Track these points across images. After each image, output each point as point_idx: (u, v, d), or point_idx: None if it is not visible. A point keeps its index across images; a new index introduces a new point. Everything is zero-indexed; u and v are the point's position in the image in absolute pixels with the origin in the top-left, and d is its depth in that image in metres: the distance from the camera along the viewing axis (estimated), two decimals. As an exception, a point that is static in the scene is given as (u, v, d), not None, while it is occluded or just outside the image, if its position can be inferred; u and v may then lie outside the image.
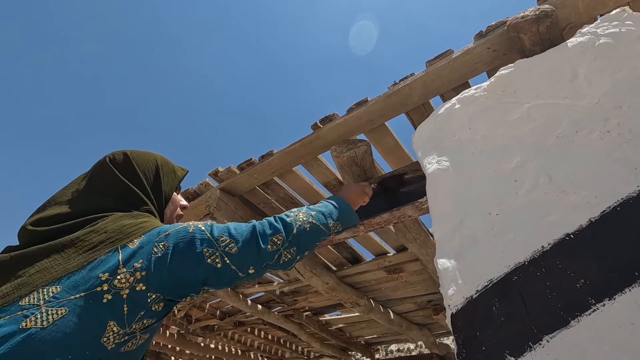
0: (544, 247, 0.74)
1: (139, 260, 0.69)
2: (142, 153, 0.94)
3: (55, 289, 0.63)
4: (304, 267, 2.25)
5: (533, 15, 1.06)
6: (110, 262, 0.68)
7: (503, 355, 0.69)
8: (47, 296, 0.62)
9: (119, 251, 0.70)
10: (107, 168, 0.87)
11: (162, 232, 0.75)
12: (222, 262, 0.77)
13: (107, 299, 0.64)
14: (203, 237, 0.77)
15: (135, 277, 0.68)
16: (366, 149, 1.51)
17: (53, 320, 0.60)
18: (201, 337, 3.85)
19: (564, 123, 0.85)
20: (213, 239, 0.78)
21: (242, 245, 0.81)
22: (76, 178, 0.88)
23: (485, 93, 1.04)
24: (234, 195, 1.93)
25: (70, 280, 0.65)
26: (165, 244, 0.73)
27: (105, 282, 0.65)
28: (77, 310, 0.62)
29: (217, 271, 0.77)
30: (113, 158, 0.89)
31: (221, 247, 0.78)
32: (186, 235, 0.76)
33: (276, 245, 0.86)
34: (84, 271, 0.66)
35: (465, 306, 0.78)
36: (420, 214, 1.45)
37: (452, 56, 1.27)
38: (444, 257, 0.85)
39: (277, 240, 0.87)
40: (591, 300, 0.65)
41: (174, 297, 0.74)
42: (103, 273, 0.66)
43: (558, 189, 0.78)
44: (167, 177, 0.95)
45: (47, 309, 0.61)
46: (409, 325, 3.22)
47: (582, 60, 0.90)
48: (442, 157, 1.02)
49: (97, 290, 0.64)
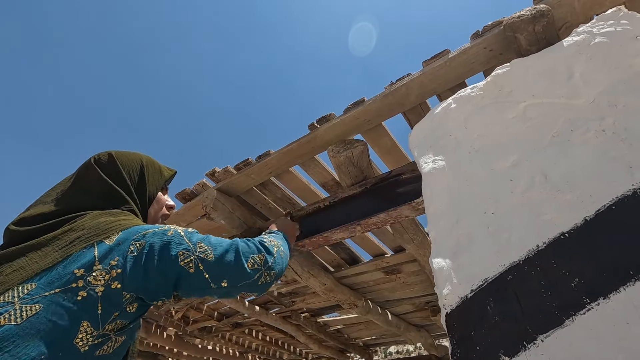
0: (539, 246, 0.74)
1: (115, 257, 0.69)
2: (127, 153, 0.95)
3: (30, 286, 0.63)
4: (301, 268, 2.25)
5: (529, 14, 1.06)
6: (86, 257, 0.68)
7: (497, 355, 0.68)
8: (22, 293, 0.62)
9: (95, 247, 0.70)
10: (92, 168, 0.88)
11: (141, 231, 0.75)
12: (195, 267, 0.77)
13: (82, 296, 0.64)
14: (181, 240, 0.78)
15: (110, 274, 0.67)
16: (363, 149, 1.51)
17: (27, 316, 0.60)
18: (199, 338, 3.83)
19: (559, 122, 0.85)
20: (190, 244, 0.78)
21: (220, 255, 0.81)
22: (63, 179, 0.90)
23: (481, 92, 1.04)
24: (231, 196, 1.93)
25: (46, 277, 0.65)
26: (142, 243, 0.73)
27: (81, 278, 0.65)
28: (51, 306, 0.62)
29: (189, 276, 0.76)
30: (98, 158, 0.90)
31: (197, 252, 0.78)
32: (164, 236, 0.76)
33: (257, 265, 0.88)
34: (60, 267, 0.66)
35: (460, 306, 0.77)
36: (417, 214, 1.44)
37: (448, 56, 1.27)
38: (439, 257, 0.85)
39: (259, 259, 0.89)
40: (586, 299, 0.65)
41: (146, 299, 0.73)
42: (78, 269, 0.66)
43: (554, 187, 0.78)
44: (152, 177, 0.96)
45: (21, 306, 0.60)
46: (407, 327, 3.21)
47: (578, 60, 0.90)
48: (438, 156, 1.02)
49: (72, 286, 0.64)
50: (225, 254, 0.83)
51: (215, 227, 2.06)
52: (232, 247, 0.85)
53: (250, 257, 0.87)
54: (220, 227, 2.01)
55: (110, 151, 0.93)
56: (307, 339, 3.58)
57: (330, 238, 1.64)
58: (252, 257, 0.87)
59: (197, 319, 3.57)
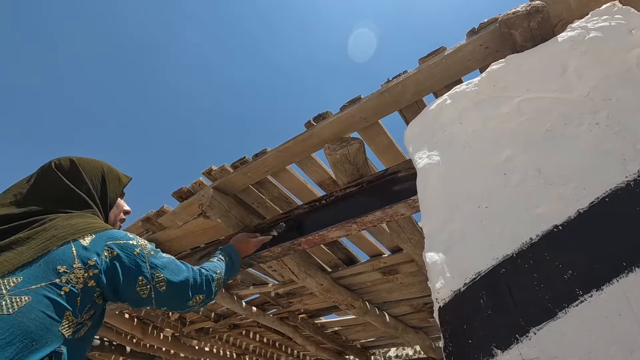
0: (532, 239, 0.73)
1: (93, 258, 0.78)
2: (88, 160, 1.01)
3: (16, 279, 0.69)
4: (298, 268, 2.24)
5: (524, 10, 1.06)
6: (65, 254, 0.75)
7: (490, 348, 0.68)
8: (9, 286, 0.68)
9: (72, 244, 0.77)
10: (53, 173, 0.93)
11: (113, 238, 0.85)
12: (147, 294, 0.89)
13: (65, 292, 0.72)
14: (143, 264, 0.88)
15: (88, 274, 0.77)
16: (359, 147, 1.51)
17: (18, 307, 0.66)
18: (195, 339, 3.81)
19: (553, 116, 0.85)
20: (149, 271, 0.89)
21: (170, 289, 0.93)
22: (18, 182, 0.93)
23: (476, 88, 1.04)
24: (227, 194, 1.92)
25: (28, 271, 0.71)
26: (113, 252, 0.83)
27: (63, 274, 0.73)
28: (39, 298, 0.69)
29: (140, 299, 0.88)
30: (59, 164, 0.95)
31: (154, 282, 0.89)
32: (131, 255, 0.86)
33: (195, 302, 1.01)
34: (40, 262, 0.72)
35: (453, 299, 0.76)
36: (413, 212, 1.44)
37: (444, 53, 1.27)
38: (433, 251, 0.84)
39: (200, 298, 1.02)
40: (579, 291, 0.64)
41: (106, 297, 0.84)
42: (61, 266, 0.73)
43: (547, 181, 0.78)
44: (112, 183, 1.03)
45: (11, 297, 0.66)
46: (404, 329, 3.19)
47: (572, 54, 0.90)
48: (432, 151, 1.02)
49: (56, 281, 0.72)
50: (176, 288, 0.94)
51: (212, 226, 2.05)
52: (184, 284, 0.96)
53: (195, 295, 1.00)
54: (217, 226, 2.00)
55: (71, 157, 0.98)
56: (304, 341, 3.56)
57: (327, 236, 1.63)
58: (196, 296, 1.00)
59: (193, 320, 3.55)
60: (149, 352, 3.92)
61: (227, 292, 2.90)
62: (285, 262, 2.17)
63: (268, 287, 2.83)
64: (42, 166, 0.96)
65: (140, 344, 3.80)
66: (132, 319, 3.34)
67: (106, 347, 3.70)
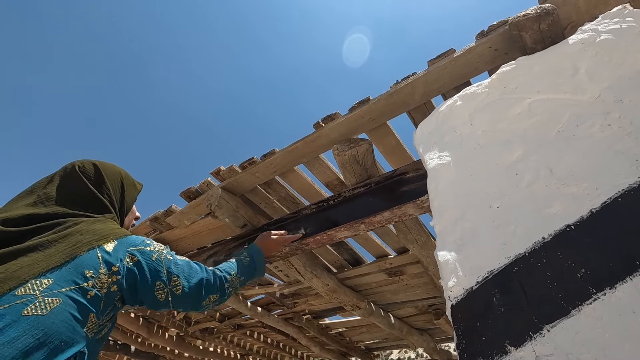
0: (544, 238, 0.74)
1: (116, 264, 0.82)
2: (109, 165, 1.04)
3: (48, 281, 0.71)
4: (304, 268, 2.25)
5: (534, 13, 1.07)
6: (93, 261, 0.79)
7: (503, 345, 0.68)
8: (42, 287, 0.70)
9: (97, 250, 0.80)
10: (77, 176, 0.95)
11: (134, 245, 0.89)
12: (165, 298, 0.92)
13: (91, 295, 0.75)
14: (160, 269, 0.91)
15: (112, 279, 0.80)
16: (368, 148, 1.52)
17: (51, 308, 0.69)
18: (200, 339, 3.83)
19: (565, 117, 0.85)
20: (166, 275, 0.92)
21: (187, 292, 0.96)
22: (39, 181, 0.95)
23: (486, 89, 1.05)
24: (235, 195, 1.94)
25: (57, 274, 0.73)
26: (133, 258, 0.86)
27: (90, 279, 0.76)
28: (68, 301, 0.71)
29: (158, 303, 0.92)
30: (83, 167, 0.98)
31: (171, 285, 0.93)
32: (150, 260, 0.90)
33: (209, 302, 1.04)
34: (68, 267, 0.75)
35: (466, 297, 0.77)
36: (421, 213, 1.44)
37: (453, 55, 1.28)
38: (445, 250, 0.85)
39: (213, 298, 1.05)
40: (592, 289, 0.65)
41: (126, 301, 0.88)
42: (88, 270, 0.77)
43: (559, 181, 0.78)
44: (129, 189, 1.07)
45: (44, 298, 0.69)
46: (409, 330, 3.19)
47: (583, 56, 0.91)
48: (443, 152, 1.03)
49: (84, 285, 0.75)
50: (191, 291, 0.98)
51: (219, 226, 2.07)
52: (199, 285, 1.00)
53: (209, 295, 1.03)
54: (224, 226, 2.02)
55: (93, 161, 1.01)
56: (308, 342, 3.56)
57: (335, 236, 1.64)
58: (210, 296, 1.04)
59: (198, 320, 3.56)
60: (154, 351, 3.94)
61: (232, 292, 2.91)
62: (292, 262, 2.18)
63: (273, 287, 2.84)
64: (65, 167, 0.98)
65: (145, 344, 3.82)
66: (138, 318, 3.36)
67: (111, 346, 3.72)
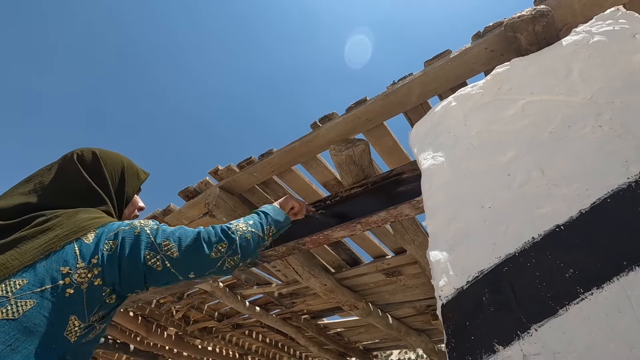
0: (534, 238, 0.74)
1: (95, 256, 0.74)
2: (110, 154, 0.98)
3: (22, 281, 0.66)
4: (302, 268, 2.25)
5: (529, 14, 1.08)
6: (68, 255, 0.72)
7: (492, 344, 0.69)
8: (15, 288, 0.65)
9: (74, 244, 0.74)
10: (74, 165, 0.90)
11: (112, 229, 0.80)
12: (162, 265, 0.82)
13: (69, 293, 0.69)
14: (147, 240, 0.82)
15: (93, 272, 0.73)
16: (364, 148, 1.52)
17: (23, 311, 0.63)
18: (199, 339, 3.83)
19: (557, 118, 0.86)
20: (156, 244, 0.83)
21: (184, 250, 0.85)
22: (40, 169, 0.91)
23: (481, 90, 1.05)
24: (233, 194, 1.94)
25: (32, 273, 0.68)
26: (114, 242, 0.78)
27: (67, 275, 0.70)
28: (43, 302, 0.66)
29: (158, 274, 0.82)
30: (81, 155, 0.92)
31: (163, 250, 0.83)
32: (132, 236, 0.81)
33: (220, 253, 0.91)
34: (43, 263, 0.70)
35: (456, 297, 0.78)
36: (417, 213, 1.45)
37: (449, 56, 1.29)
38: (437, 249, 0.86)
39: (222, 248, 0.92)
40: (580, 289, 0.65)
41: (122, 292, 0.79)
42: (64, 267, 0.70)
43: (550, 182, 0.79)
44: (130, 179, 1.00)
45: (16, 301, 0.64)
46: (407, 331, 3.19)
47: (576, 58, 0.91)
48: (437, 152, 1.03)
49: (60, 283, 0.69)
50: (189, 248, 0.87)
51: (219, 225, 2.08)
52: (196, 240, 0.88)
53: (213, 247, 0.90)
54: (223, 225, 2.03)
55: (93, 149, 0.95)
56: (307, 342, 3.57)
57: (331, 236, 1.65)
58: (215, 247, 0.91)
59: (197, 319, 3.57)
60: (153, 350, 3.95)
61: (231, 291, 2.92)
62: (290, 262, 2.19)
63: (272, 287, 2.85)
64: (65, 155, 0.92)
65: (144, 343, 3.83)
66: (137, 317, 3.37)
67: (110, 345, 3.73)
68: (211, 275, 0.93)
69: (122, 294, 0.80)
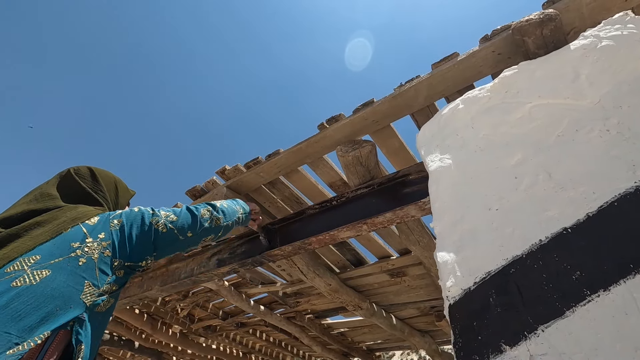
0: (541, 241, 0.75)
1: (102, 232, 0.87)
2: (102, 170, 1.12)
3: (35, 257, 0.76)
4: (307, 268, 2.27)
5: (537, 18, 1.09)
6: (78, 234, 0.83)
7: (498, 344, 0.70)
8: (29, 262, 0.74)
9: (81, 225, 0.85)
10: (71, 178, 1.02)
11: (115, 212, 0.95)
12: (166, 227, 1.00)
13: (82, 262, 0.79)
14: (149, 214, 0.99)
15: (101, 245, 0.85)
16: (371, 149, 1.53)
17: (40, 278, 0.73)
18: (203, 337, 3.86)
19: (564, 122, 0.87)
20: (157, 213, 1.01)
21: (180, 215, 1.07)
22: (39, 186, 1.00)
23: (488, 94, 1.06)
24: (240, 194, 1.96)
25: (45, 250, 0.77)
26: (119, 220, 0.92)
27: (78, 248, 0.81)
28: (59, 270, 0.75)
29: (163, 235, 0.99)
30: (78, 170, 1.05)
31: (164, 217, 1.02)
32: (135, 213, 0.97)
33: (207, 214, 1.16)
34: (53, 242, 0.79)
35: (463, 297, 0.79)
36: (423, 214, 1.46)
37: (457, 59, 1.30)
38: (444, 251, 0.87)
39: (208, 211, 1.17)
40: (586, 291, 0.66)
41: (134, 261, 0.92)
42: (74, 242, 0.81)
43: (557, 185, 0.80)
44: (122, 192, 1.15)
45: (32, 271, 0.73)
46: (411, 332, 3.20)
47: (584, 62, 0.92)
48: (444, 155, 1.04)
49: (72, 255, 0.79)
50: (182, 213, 1.09)
51: (224, 225, 2.10)
52: (188, 209, 1.12)
53: (201, 210, 1.15)
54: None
55: (88, 166, 1.08)
56: (310, 341, 3.59)
57: (337, 236, 1.66)
58: (202, 210, 1.15)
59: (202, 317, 3.60)
60: (157, 347, 3.98)
61: (235, 290, 2.95)
62: (295, 261, 2.21)
63: (276, 286, 2.87)
64: (61, 172, 1.04)
65: (149, 340, 3.86)
66: (142, 314, 3.40)
67: (115, 341, 3.77)
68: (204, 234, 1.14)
69: (132, 266, 0.92)
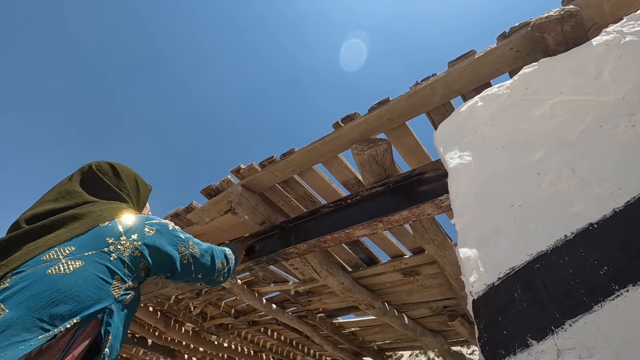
0: (567, 236, 0.75)
1: (135, 234, 0.90)
2: (122, 165, 1.13)
3: (70, 248, 0.80)
4: (320, 266, 2.28)
5: (557, 15, 1.08)
6: (114, 230, 0.87)
7: (525, 339, 0.70)
8: (65, 252, 0.78)
9: (117, 221, 0.88)
10: (94, 174, 1.03)
11: (151, 219, 0.98)
12: (188, 260, 1.03)
13: (114, 258, 0.83)
14: (179, 235, 1.02)
15: (133, 245, 0.88)
16: (387, 148, 1.54)
17: (73, 268, 0.76)
18: (215, 335, 3.90)
19: (588, 118, 0.86)
20: (185, 240, 1.03)
21: (203, 254, 1.10)
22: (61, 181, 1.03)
23: (508, 91, 1.06)
24: (254, 192, 1.98)
25: (80, 241, 0.81)
26: (153, 229, 0.95)
27: (111, 244, 0.84)
28: (91, 263, 0.79)
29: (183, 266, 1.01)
30: (99, 166, 1.06)
31: (190, 247, 1.05)
32: (166, 229, 0.99)
33: (221, 268, 1.20)
34: (89, 234, 0.83)
35: (487, 292, 0.79)
36: (439, 212, 1.46)
37: (474, 57, 1.30)
38: (466, 247, 0.87)
39: (223, 264, 1.22)
40: (615, 286, 0.66)
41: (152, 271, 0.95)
42: (109, 238, 0.84)
43: (581, 181, 0.80)
44: (142, 187, 1.17)
45: (67, 261, 0.77)
46: (423, 332, 3.19)
47: (607, 58, 0.91)
48: (464, 152, 1.04)
49: (104, 250, 0.82)
50: (206, 254, 1.11)
51: (237, 223, 2.11)
52: (209, 250, 1.14)
53: (219, 260, 1.19)
54: (242, 223, 2.06)
55: (108, 161, 1.09)
56: (322, 340, 3.59)
57: (352, 234, 1.67)
58: (220, 261, 1.19)
59: (214, 315, 3.63)
60: (170, 345, 4.03)
61: (248, 288, 2.97)
62: (308, 260, 2.22)
63: (288, 284, 2.88)
64: (82, 167, 1.05)
65: (162, 337, 3.91)
66: (156, 312, 3.45)
67: (129, 338, 3.82)
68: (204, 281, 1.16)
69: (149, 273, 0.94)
